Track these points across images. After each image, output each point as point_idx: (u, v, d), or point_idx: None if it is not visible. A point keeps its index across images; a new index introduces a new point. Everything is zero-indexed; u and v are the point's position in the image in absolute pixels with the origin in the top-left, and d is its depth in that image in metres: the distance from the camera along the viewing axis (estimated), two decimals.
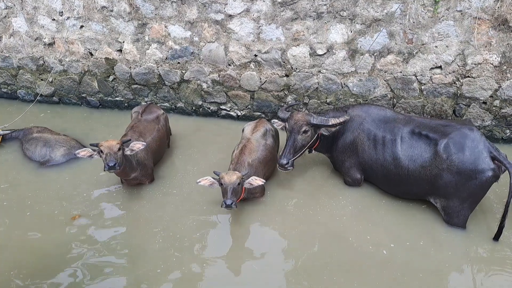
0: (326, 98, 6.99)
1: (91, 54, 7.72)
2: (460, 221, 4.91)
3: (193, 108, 7.85)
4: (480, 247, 4.76)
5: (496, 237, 4.74)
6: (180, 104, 7.86)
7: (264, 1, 6.48)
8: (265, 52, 6.87)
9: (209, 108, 7.75)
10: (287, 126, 5.51)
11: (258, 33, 6.78)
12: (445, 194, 4.86)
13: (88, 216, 5.34)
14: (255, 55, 6.96)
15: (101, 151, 4.95)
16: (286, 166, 5.33)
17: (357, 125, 5.48)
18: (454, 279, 4.40)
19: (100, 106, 8.29)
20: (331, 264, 4.62)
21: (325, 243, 4.91)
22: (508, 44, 5.90)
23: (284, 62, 6.89)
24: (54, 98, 8.43)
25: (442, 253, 4.69)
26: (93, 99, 8.21)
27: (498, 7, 5.69)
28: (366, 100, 6.77)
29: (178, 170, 6.25)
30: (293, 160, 5.40)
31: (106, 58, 7.65)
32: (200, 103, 7.73)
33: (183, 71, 7.45)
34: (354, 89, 6.77)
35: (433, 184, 4.89)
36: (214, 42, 7.04)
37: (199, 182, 4.91)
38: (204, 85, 7.48)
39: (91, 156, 5.10)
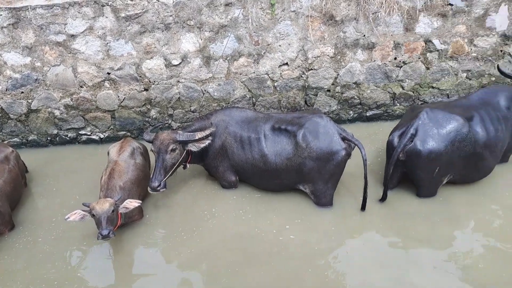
0: (190, 106, 7.04)
1: None
2: (328, 200, 5.43)
3: (48, 138, 7.18)
4: (351, 218, 5.30)
5: (363, 207, 5.32)
6: (32, 137, 7.13)
7: (107, 17, 6.24)
8: (118, 69, 6.63)
9: (67, 135, 7.18)
10: (153, 148, 5.42)
11: (107, 50, 6.50)
12: (310, 179, 5.32)
13: None
14: (108, 73, 6.67)
15: None
16: (158, 188, 5.26)
17: (223, 129, 5.64)
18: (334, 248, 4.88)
19: None
20: (233, 263, 4.72)
21: (220, 248, 4.95)
22: (337, 36, 6.68)
23: (140, 76, 6.74)
24: None
25: (327, 228, 5.16)
26: None
27: (324, 5, 6.40)
28: (228, 103, 7.02)
29: (42, 210, 5.69)
30: (165, 180, 5.35)
31: None
32: (55, 132, 7.12)
33: (30, 101, 6.77)
34: (215, 94, 6.95)
35: (299, 172, 5.32)
36: (60, 65, 6.54)
37: (68, 218, 4.54)
38: (57, 112, 6.91)
39: None
